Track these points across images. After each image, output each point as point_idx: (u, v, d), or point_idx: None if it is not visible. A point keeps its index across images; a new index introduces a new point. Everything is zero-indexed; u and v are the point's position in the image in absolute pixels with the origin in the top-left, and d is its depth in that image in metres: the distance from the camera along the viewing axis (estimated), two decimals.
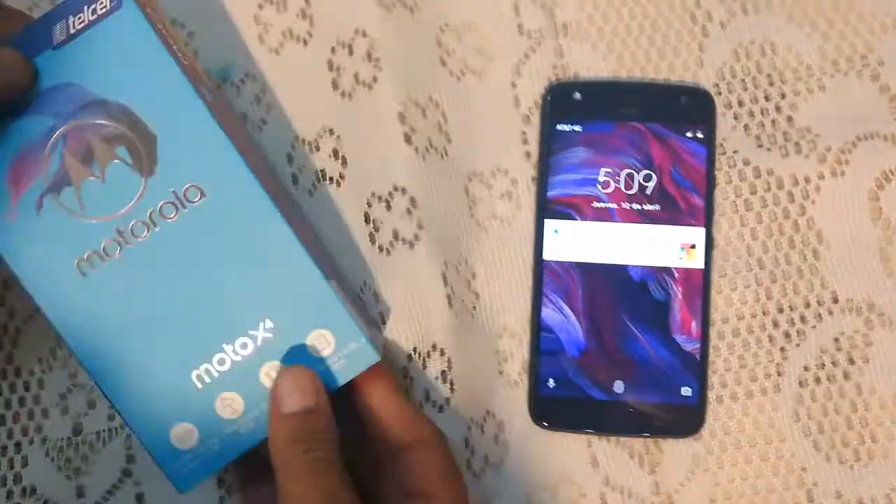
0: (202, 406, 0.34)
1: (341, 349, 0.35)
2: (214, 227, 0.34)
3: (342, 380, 0.35)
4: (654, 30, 0.43)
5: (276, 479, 0.32)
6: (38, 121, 0.34)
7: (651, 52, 0.43)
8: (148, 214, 0.34)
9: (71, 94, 0.34)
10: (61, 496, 0.40)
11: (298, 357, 0.34)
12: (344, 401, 0.35)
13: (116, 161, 0.34)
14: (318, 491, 0.31)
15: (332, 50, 0.42)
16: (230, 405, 0.34)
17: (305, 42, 0.43)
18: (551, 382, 0.40)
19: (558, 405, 0.40)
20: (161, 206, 0.34)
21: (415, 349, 0.40)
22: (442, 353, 0.40)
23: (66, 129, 0.34)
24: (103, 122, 0.34)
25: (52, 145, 0.34)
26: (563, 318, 0.40)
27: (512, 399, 0.41)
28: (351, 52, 0.42)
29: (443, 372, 0.40)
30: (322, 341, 0.35)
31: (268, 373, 0.34)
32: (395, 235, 0.41)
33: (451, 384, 0.40)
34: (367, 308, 0.40)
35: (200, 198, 0.34)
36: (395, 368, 0.40)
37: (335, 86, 0.42)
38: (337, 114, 0.42)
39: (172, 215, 0.34)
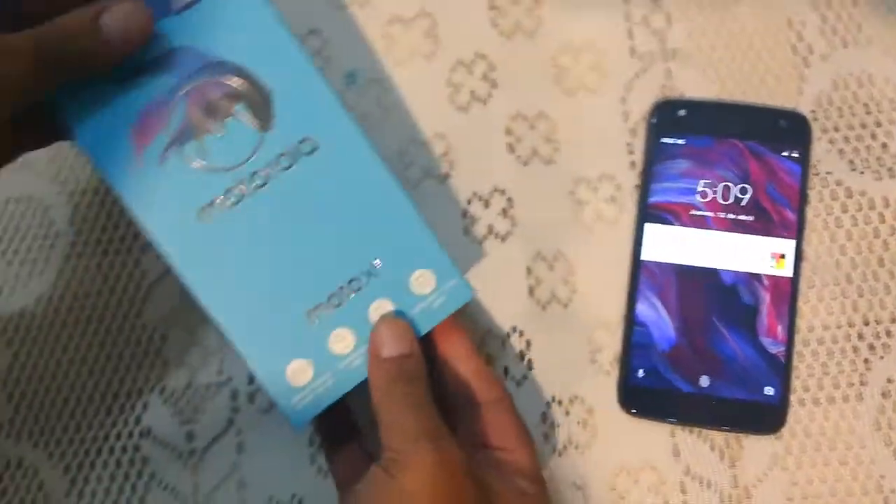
0: (317, 342, 0.38)
1: (441, 286, 0.38)
2: (326, 175, 0.37)
3: (443, 314, 0.39)
4: (757, 59, 0.46)
5: (376, 415, 0.36)
6: (163, 79, 0.37)
7: (753, 78, 0.46)
8: (266, 165, 0.37)
9: (193, 55, 0.37)
10: (173, 439, 0.45)
11: (402, 294, 0.38)
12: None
13: (236, 116, 0.37)
14: (418, 421, 0.35)
15: (453, 68, 0.48)
16: (343, 340, 0.38)
17: (429, 59, 0.48)
18: (641, 373, 0.43)
19: (646, 395, 0.43)
20: (278, 158, 0.37)
21: (490, 330, 0.45)
22: (521, 335, 0.45)
23: (189, 87, 0.37)
24: (223, 80, 0.37)
25: (176, 101, 0.37)
26: (657, 315, 0.44)
27: (602, 387, 0.44)
28: (470, 72, 0.48)
29: (521, 352, 0.45)
30: (424, 279, 0.38)
31: (376, 309, 0.38)
32: (490, 230, 0.46)
33: (530, 363, 0.45)
34: None
35: (313, 150, 0.37)
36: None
37: (451, 100, 0.48)
38: (451, 123, 0.47)
39: (288, 166, 0.37)
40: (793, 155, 0.44)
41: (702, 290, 0.43)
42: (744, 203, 0.44)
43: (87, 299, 0.47)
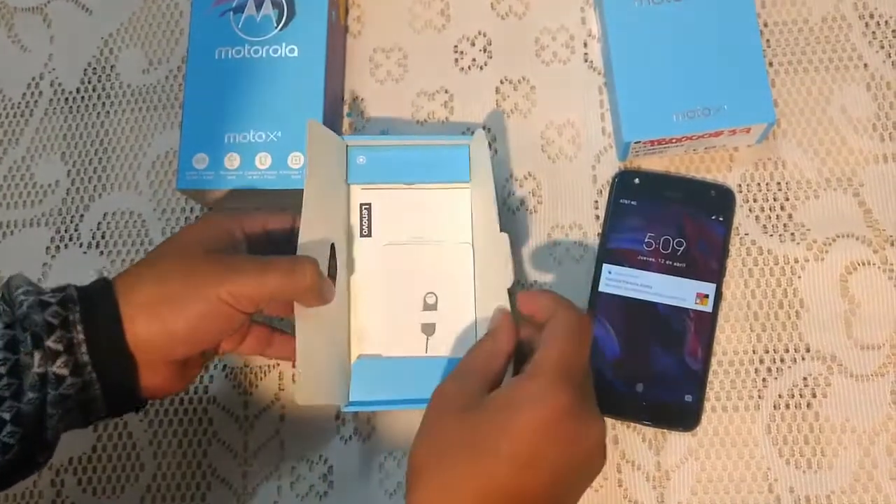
0: None
1: None
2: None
3: None
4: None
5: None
6: None
7: (695, 157, 0.60)
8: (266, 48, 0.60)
9: None
10: (232, 406, 0.59)
11: None
12: None
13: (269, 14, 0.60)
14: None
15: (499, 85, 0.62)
16: None
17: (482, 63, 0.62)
18: (592, 377, 0.56)
19: (595, 393, 0.56)
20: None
21: None
22: None
23: None
24: None
25: None
26: (606, 333, 0.57)
27: None
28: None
29: None
30: None
31: None
32: None
33: None
34: None
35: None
36: None
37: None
38: None
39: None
40: (719, 219, 0.58)
41: (642, 317, 0.57)
42: (679, 253, 0.57)
43: None
